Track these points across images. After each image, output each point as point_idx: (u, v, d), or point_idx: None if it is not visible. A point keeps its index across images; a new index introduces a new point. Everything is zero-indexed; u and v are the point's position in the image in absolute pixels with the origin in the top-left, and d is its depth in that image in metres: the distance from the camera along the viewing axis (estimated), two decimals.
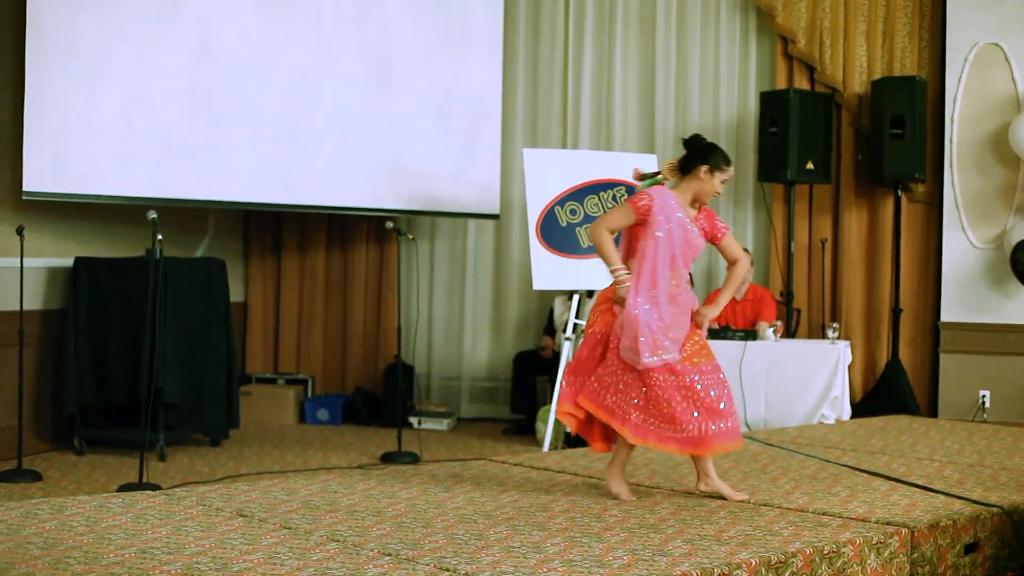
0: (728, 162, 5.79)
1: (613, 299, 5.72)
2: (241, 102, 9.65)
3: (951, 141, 9.91)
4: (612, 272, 5.69)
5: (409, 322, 10.86)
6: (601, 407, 5.70)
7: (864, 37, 10.23)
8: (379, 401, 10.97)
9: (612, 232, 5.74)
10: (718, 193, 5.80)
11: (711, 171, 5.72)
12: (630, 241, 5.81)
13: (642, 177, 5.88)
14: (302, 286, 11.50)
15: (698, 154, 5.76)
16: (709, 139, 5.87)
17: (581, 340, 6.14)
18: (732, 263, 5.95)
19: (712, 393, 5.59)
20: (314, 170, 9.98)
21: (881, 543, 4.84)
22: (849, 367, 9.44)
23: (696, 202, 5.81)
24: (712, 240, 5.88)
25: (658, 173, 5.85)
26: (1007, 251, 9.52)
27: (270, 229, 11.51)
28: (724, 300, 5.90)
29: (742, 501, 5.62)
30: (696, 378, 5.60)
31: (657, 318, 5.58)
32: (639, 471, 6.42)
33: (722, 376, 5.70)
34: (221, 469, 8.35)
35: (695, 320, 5.75)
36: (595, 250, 5.81)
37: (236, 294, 10.73)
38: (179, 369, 8.83)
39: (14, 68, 8.80)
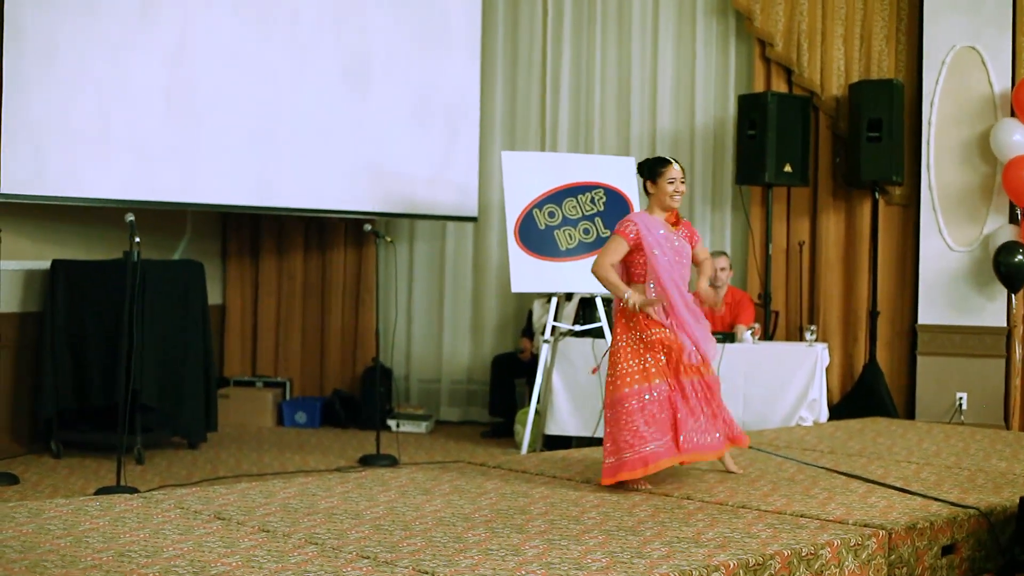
0: (662, 163, 6.24)
1: (631, 311, 6.07)
2: (219, 104, 9.63)
3: (928, 144, 9.94)
4: (624, 296, 6.05)
5: (387, 325, 10.87)
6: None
7: (842, 40, 10.26)
8: (357, 404, 10.96)
9: (613, 265, 6.11)
10: (676, 193, 6.21)
11: (652, 181, 6.22)
12: (628, 268, 6.19)
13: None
14: (280, 288, 11.48)
15: (640, 175, 6.33)
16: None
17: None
18: (699, 264, 6.43)
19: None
20: (292, 172, 9.97)
21: (859, 545, 4.86)
22: (827, 369, 9.45)
23: (668, 213, 6.23)
24: (691, 245, 6.31)
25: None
26: (990, 253, 9.55)
27: (248, 231, 11.49)
28: (704, 285, 6.34)
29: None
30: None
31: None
32: None
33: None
34: (199, 472, 8.34)
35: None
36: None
37: (214, 296, 10.72)
38: (157, 372, 8.81)
39: None
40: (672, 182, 6.18)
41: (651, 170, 6.24)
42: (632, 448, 5.95)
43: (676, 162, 6.27)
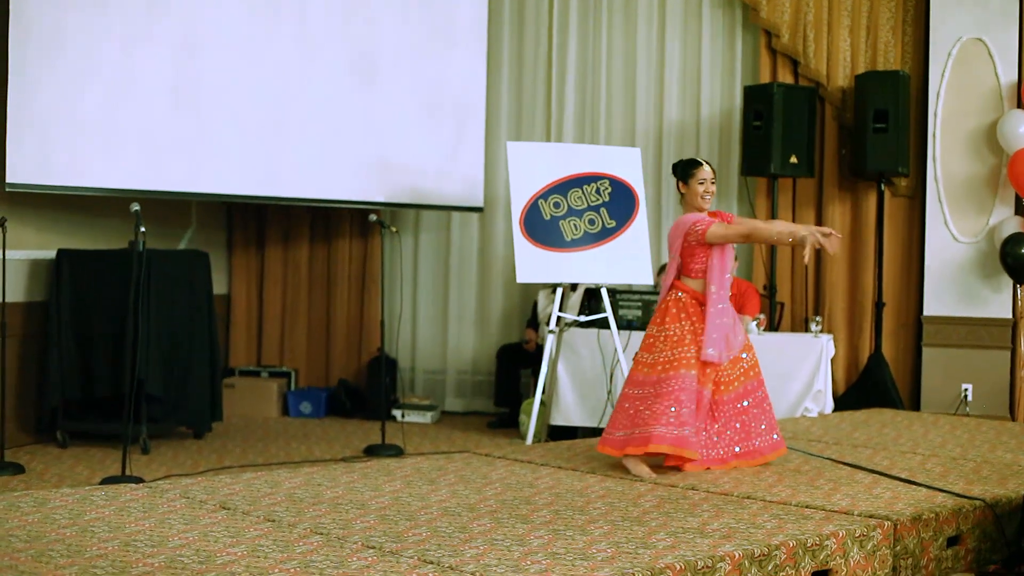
0: (694, 164, 6.44)
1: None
2: (225, 95, 9.63)
3: (934, 135, 9.93)
4: (804, 235, 6.18)
5: (393, 315, 10.86)
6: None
7: (848, 31, 10.24)
8: (362, 394, 10.97)
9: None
10: (707, 194, 6.40)
11: (684, 182, 6.41)
12: (687, 263, 6.36)
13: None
14: (285, 279, 11.48)
15: (673, 175, 6.51)
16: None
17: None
18: None
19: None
20: (298, 163, 9.97)
21: (864, 536, 4.86)
22: (832, 360, 9.45)
23: (701, 211, 6.44)
24: None
25: None
26: (996, 245, 9.54)
27: (254, 222, 11.49)
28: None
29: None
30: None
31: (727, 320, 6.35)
32: (622, 464, 6.43)
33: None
34: (204, 462, 8.34)
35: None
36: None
37: (219, 287, 10.71)
38: (162, 362, 8.82)
39: None
40: (703, 183, 6.36)
41: (684, 171, 6.42)
42: (669, 426, 6.07)
43: (708, 164, 6.43)
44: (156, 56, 9.31)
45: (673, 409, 6.10)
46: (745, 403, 6.38)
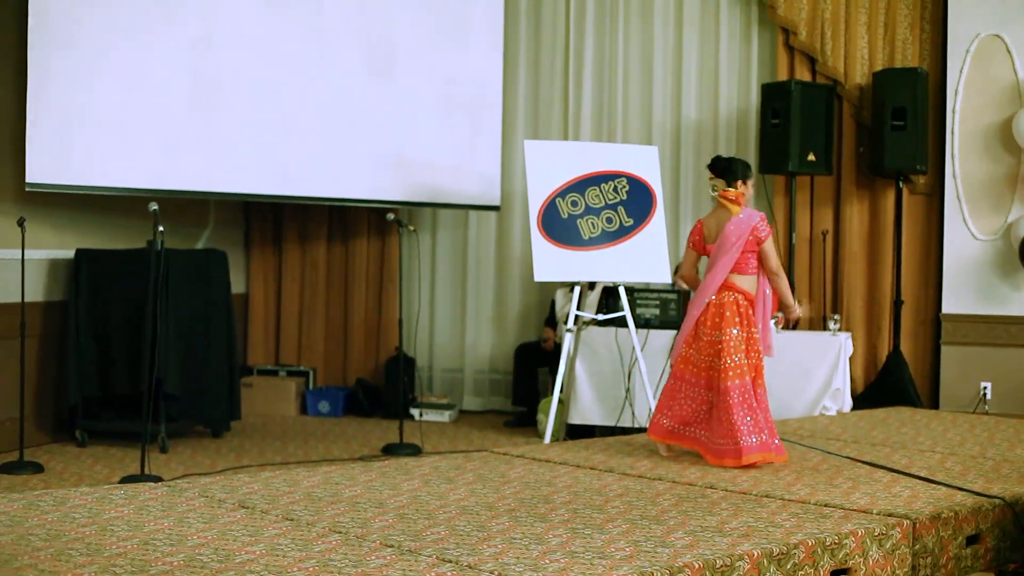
0: (750, 167, 6.87)
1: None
2: (242, 93, 9.65)
3: (952, 133, 9.91)
4: (793, 307, 7.05)
5: (410, 314, 10.87)
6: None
7: (865, 28, 10.22)
8: (380, 393, 10.97)
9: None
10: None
11: (744, 181, 6.72)
12: (747, 260, 6.68)
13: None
14: (303, 278, 11.50)
15: (731, 176, 6.70)
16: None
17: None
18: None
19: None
20: (315, 161, 9.98)
21: (883, 535, 4.85)
22: (850, 359, 9.44)
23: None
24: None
25: None
26: (1015, 242, 9.52)
27: (271, 220, 11.51)
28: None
29: None
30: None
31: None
32: (640, 463, 6.43)
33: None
34: (223, 461, 8.36)
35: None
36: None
37: (237, 285, 10.73)
38: (180, 361, 8.84)
39: (17, 60, 8.80)
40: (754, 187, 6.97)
41: (745, 171, 6.71)
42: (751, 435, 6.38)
43: None
44: (172, 54, 9.33)
45: (749, 419, 6.37)
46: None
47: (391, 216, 9.16)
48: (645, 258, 8.94)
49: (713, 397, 6.51)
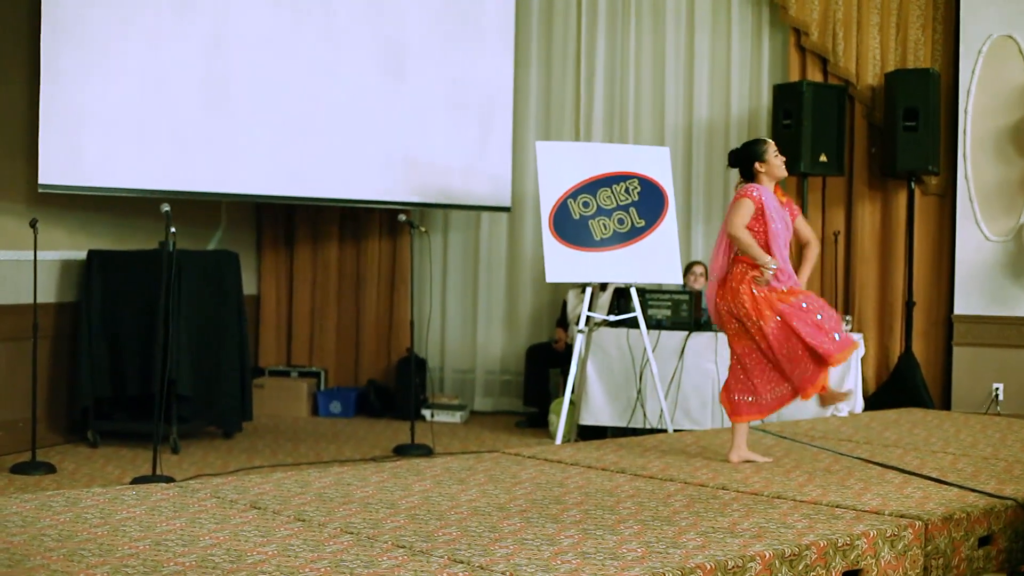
0: (762, 142, 6.64)
1: (755, 283, 6.41)
2: (255, 94, 9.67)
3: (964, 133, 9.89)
4: (766, 263, 6.38)
5: (422, 315, 10.87)
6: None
7: (877, 29, 10.21)
8: (392, 394, 10.98)
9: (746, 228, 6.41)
10: (781, 160, 6.60)
11: (761, 160, 6.50)
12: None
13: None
14: (315, 279, 11.51)
15: (744, 162, 6.56)
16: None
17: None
18: (804, 245, 6.81)
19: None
20: (327, 163, 9.99)
21: (895, 536, 4.84)
22: (862, 360, 9.43)
23: (776, 187, 6.60)
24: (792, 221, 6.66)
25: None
26: None
27: (283, 222, 11.52)
28: (804, 277, 6.70)
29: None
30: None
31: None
32: (652, 464, 6.43)
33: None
34: (234, 461, 8.37)
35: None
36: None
37: (249, 287, 10.74)
38: (192, 362, 8.85)
39: (29, 61, 8.83)
40: (776, 154, 6.56)
41: (757, 151, 6.54)
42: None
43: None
44: (185, 55, 9.35)
45: (820, 317, 6.39)
46: None
47: (403, 217, 9.17)
48: (657, 259, 8.93)
49: (769, 354, 6.45)
